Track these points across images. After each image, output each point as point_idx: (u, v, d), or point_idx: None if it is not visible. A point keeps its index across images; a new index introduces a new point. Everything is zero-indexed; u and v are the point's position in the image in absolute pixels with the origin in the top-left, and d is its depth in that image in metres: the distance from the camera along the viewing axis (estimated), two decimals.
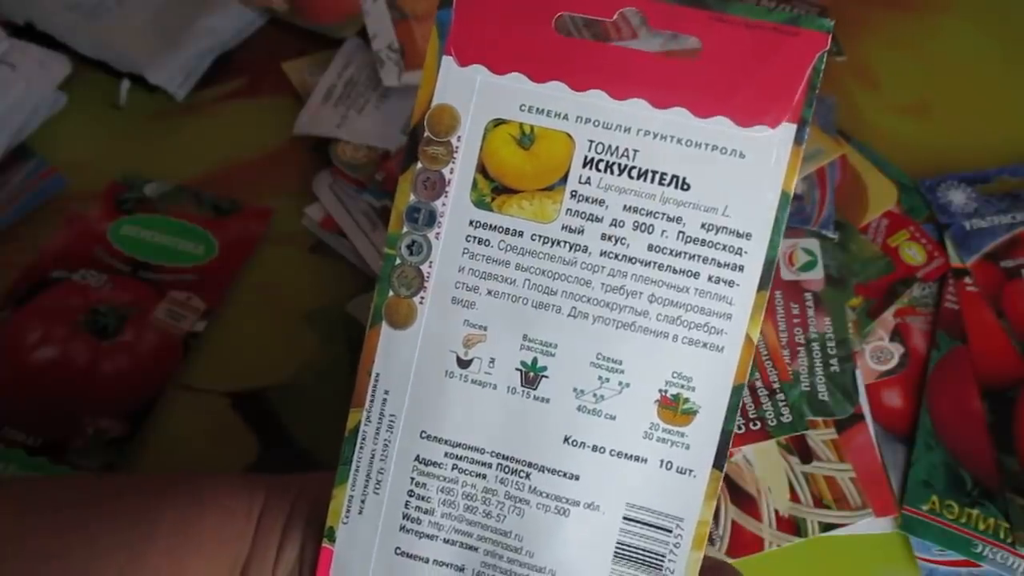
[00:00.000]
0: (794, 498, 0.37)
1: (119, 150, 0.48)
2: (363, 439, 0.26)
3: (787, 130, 0.24)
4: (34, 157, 0.47)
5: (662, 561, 0.25)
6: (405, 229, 0.25)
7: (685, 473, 0.25)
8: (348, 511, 0.26)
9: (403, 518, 0.26)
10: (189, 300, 0.42)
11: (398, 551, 0.26)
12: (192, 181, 0.47)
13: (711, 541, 0.36)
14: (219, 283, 0.43)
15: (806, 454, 0.38)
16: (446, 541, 0.26)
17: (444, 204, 0.25)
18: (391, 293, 0.26)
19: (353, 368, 0.27)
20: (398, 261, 0.25)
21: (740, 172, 0.24)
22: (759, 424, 0.38)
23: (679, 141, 0.24)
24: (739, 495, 0.37)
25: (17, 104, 0.47)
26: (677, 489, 0.25)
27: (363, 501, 0.26)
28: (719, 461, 0.25)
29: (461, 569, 0.26)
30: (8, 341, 0.40)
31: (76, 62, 0.50)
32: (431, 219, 0.25)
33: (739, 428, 0.38)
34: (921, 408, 0.39)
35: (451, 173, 0.25)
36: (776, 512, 0.36)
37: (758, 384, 0.39)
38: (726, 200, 0.24)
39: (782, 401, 0.39)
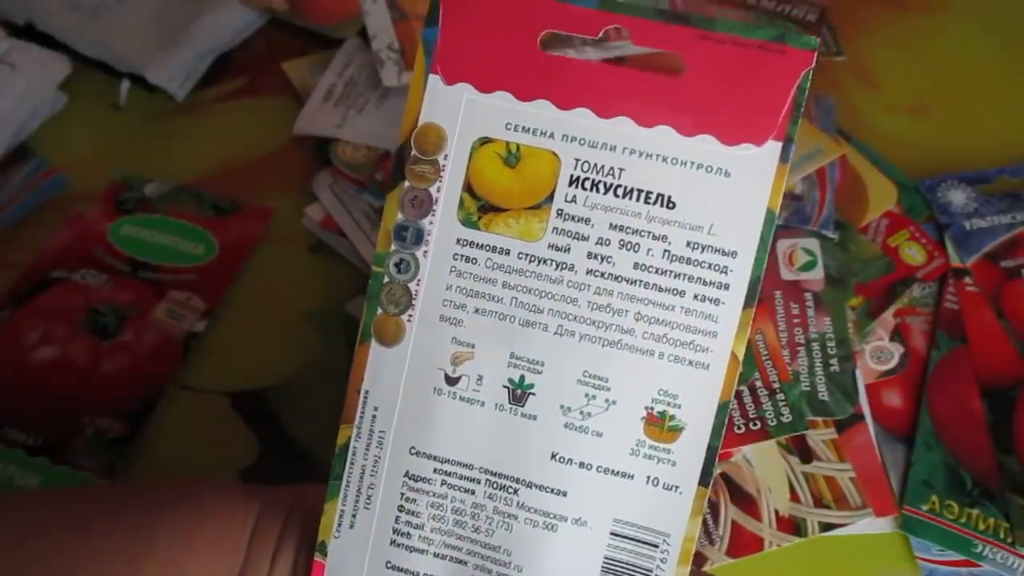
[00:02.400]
0: (794, 498, 0.37)
1: (119, 150, 0.48)
2: (353, 455, 0.26)
3: (773, 148, 0.24)
4: (34, 157, 0.47)
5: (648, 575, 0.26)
6: (393, 247, 0.25)
7: (671, 490, 0.25)
8: (339, 526, 0.27)
9: (394, 533, 0.26)
10: (189, 300, 0.42)
11: (389, 565, 0.27)
12: (192, 181, 0.47)
13: (711, 541, 0.36)
14: (219, 283, 0.43)
15: (806, 454, 0.38)
16: (436, 555, 0.26)
17: (431, 222, 0.25)
18: (380, 311, 0.26)
19: None
20: (386, 279, 0.26)
21: (725, 190, 0.24)
22: (759, 424, 0.38)
23: (664, 159, 0.24)
24: (739, 495, 0.37)
25: (17, 104, 0.47)
26: (663, 505, 0.25)
27: (354, 516, 0.27)
28: (705, 478, 0.25)
29: None
30: (8, 341, 0.40)
31: (76, 62, 0.50)
32: (419, 237, 0.25)
33: (739, 428, 0.38)
34: (921, 408, 0.39)
35: (438, 191, 0.25)
36: (776, 512, 0.36)
37: (758, 384, 0.39)
38: (711, 218, 0.24)
39: (782, 401, 0.39)
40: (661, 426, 0.25)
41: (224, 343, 0.42)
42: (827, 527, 0.36)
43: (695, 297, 0.25)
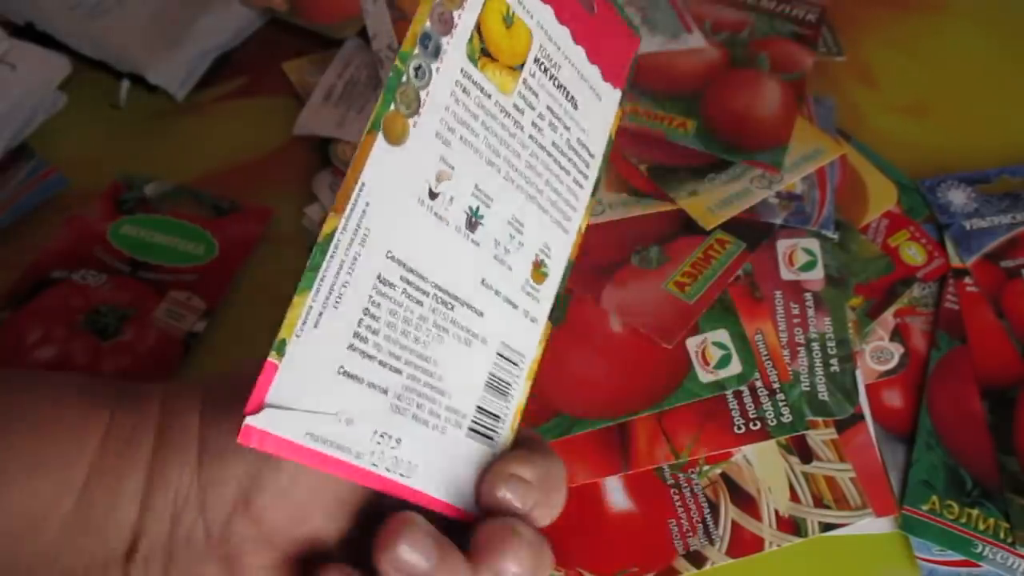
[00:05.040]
0: (794, 498, 0.37)
1: (119, 150, 0.48)
2: (335, 247, 0.25)
3: (619, 93, 0.33)
4: (34, 157, 0.47)
5: (509, 388, 0.30)
6: (416, 51, 0.26)
7: (534, 321, 0.30)
8: (304, 323, 0.24)
9: (353, 336, 0.25)
10: (189, 300, 0.42)
11: (341, 370, 0.25)
12: (192, 181, 0.46)
13: (711, 541, 0.36)
14: (219, 283, 0.43)
15: (806, 454, 0.38)
16: (381, 363, 0.26)
17: (448, 43, 0.27)
18: (392, 107, 0.25)
19: None
20: (404, 79, 0.26)
21: (597, 110, 0.31)
22: (759, 424, 0.38)
23: (578, 72, 0.31)
24: (739, 495, 0.37)
25: (17, 104, 0.47)
26: (528, 333, 0.30)
27: (320, 314, 0.25)
28: (552, 315, 0.31)
29: (385, 391, 0.26)
30: (8, 341, 0.40)
31: (76, 62, 0.49)
32: (437, 51, 0.26)
33: (739, 428, 0.38)
34: (921, 408, 0.39)
35: (459, 18, 0.27)
36: (776, 512, 0.36)
37: (758, 384, 0.39)
38: (589, 125, 0.31)
39: (782, 401, 0.38)
40: (539, 270, 0.30)
41: (224, 343, 0.41)
42: (827, 527, 0.36)
43: (573, 180, 0.31)
